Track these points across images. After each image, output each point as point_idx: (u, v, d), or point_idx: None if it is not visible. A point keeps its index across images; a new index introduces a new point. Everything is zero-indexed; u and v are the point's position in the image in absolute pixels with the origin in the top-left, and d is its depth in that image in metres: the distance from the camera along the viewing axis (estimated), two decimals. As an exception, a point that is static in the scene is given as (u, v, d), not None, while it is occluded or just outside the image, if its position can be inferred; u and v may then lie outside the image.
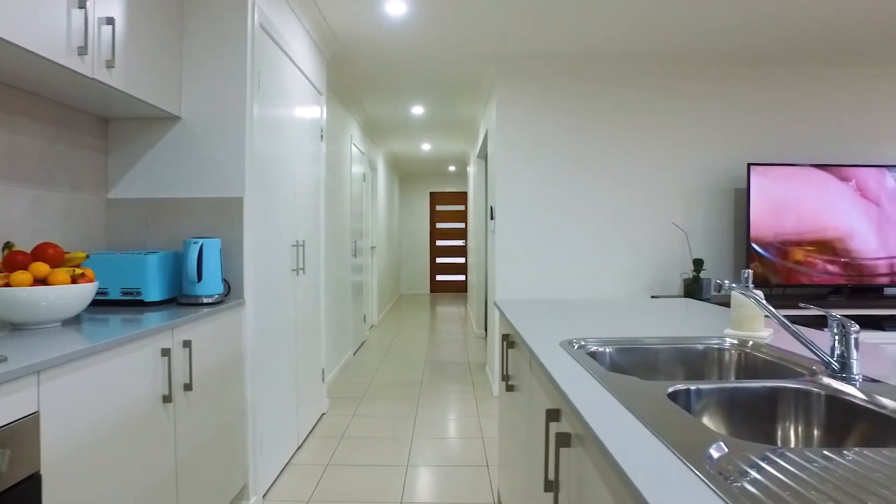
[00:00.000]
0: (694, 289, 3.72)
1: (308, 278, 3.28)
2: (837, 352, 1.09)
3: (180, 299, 2.07)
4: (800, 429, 1.04)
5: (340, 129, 4.88)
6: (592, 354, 1.32)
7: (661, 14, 3.23)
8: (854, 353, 1.07)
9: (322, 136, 3.63)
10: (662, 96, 4.07)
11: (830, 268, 3.83)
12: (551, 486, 1.03)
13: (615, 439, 0.72)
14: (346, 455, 2.98)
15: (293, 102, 2.97)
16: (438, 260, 11.32)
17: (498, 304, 2.13)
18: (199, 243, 2.05)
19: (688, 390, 1.00)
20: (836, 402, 1.00)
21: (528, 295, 4.04)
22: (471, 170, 7.27)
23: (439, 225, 11.28)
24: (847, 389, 1.00)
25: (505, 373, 1.76)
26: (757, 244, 3.79)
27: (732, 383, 1.04)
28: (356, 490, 2.56)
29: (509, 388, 1.73)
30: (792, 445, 1.05)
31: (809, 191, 3.83)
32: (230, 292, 2.28)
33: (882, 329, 3.68)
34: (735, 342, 1.41)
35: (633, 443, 0.71)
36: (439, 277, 11.35)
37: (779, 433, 1.05)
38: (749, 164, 3.77)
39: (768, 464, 0.67)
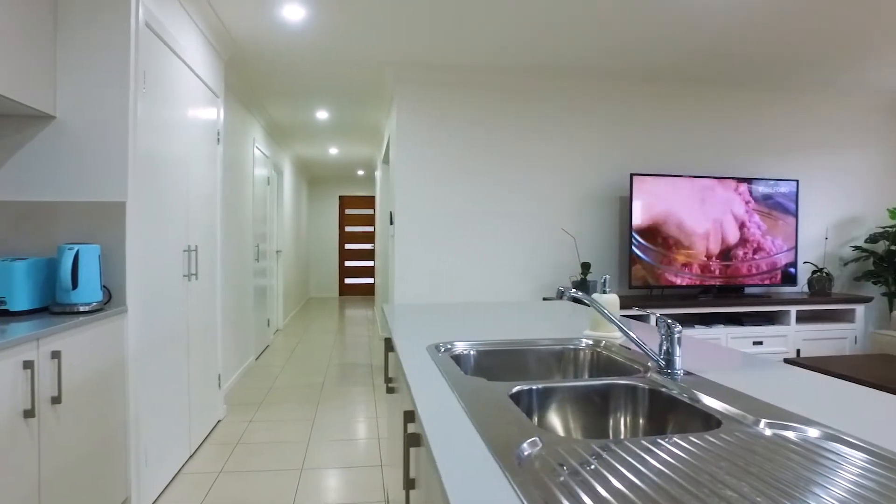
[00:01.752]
0: (581, 291, 3.96)
1: (202, 283, 3.20)
2: (664, 349, 1.24)
3: (53, 308, 1.98)
4: (628, 421, 1.18)
5: (242, 131, 4.77)
6: (457, 357, 1.41)
7: (551, 32, 3.43)
8: (677, 351, 1.23)
9: (219, 138, 3.55)
10: (555, 109, 4.30)
11: (701, 270, 4.21)
12: (411, 483, 1.11)
13: (442, 437, 0.80)
14: (240, 461, 2.94)
15: (185, 104, 2.90)
16: (347, 263, 11.26)
17: (384, 308, 2.20)
18: (75, 249, 1.97)
19: (530, 390, 1.11)
20: (657, 396, 1.14)
21: (426, 298, 4.14)
22: (378, 174, 7.31)
23: (348, 228, 11.22)
24: (667, 383, 1.15)
25: (387, 375, 1.83)
26: (638, 249, 4.10)
27: (570, 382, 1.16)
28: (248, 496, 2.54)
29: (390, 391, 1.80)
30: (622, 437, 1.19)
31: (684, 200, 4.19)
32: (111, 300, 2.20)
33: (742, 324, 4.10)
34: (590, 342, 1.55)
35: (457, 441, 0.79)
36: (348, 280, 11.28)
37: (611, 425, 1.18)
38: (632, 174, 4.08)
39: (570, 454, 0.78)
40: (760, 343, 4.06)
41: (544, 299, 4.08)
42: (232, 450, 3.10)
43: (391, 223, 4.36)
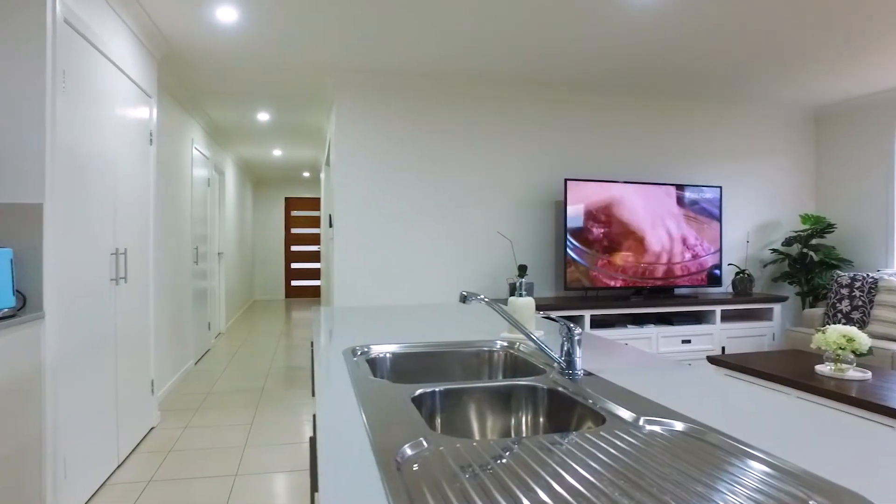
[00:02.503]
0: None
1: (132, 287, 3.12)
2: (565, 350, 1.30)
3: (-40, 315, 1.90)
4: (529, 420, 1.23)
5: (179, 132, 4.66)
6: (372, 361, 1.44)
7: (490, 39, 3.50)
8: (577, 352, 1.29)
9: (151, 138, 3.47)
10: (492, 114, 4.39)
11: (633, 272, 4.37)
12: (317, 486, 1.13)
13: (331, 440, 0.83)
14: (171, 470, 2.88)
15: (113, 103, 2.82)
16: (294, 265, 11.12)
17: (320, 311, 2.21)
18: (-16, 254, 1.90)
19: (433, 392, 1.15)
20: (554, 395, 1.20)
21: (366, 300, 4.15)
22: (322, 176, 7.26)
23: (294, 230, 11.08)
24: (565, 384, 1.21)
25: (313, 379, 1.84)
26: (573, 252, 4.23)
27: (473, 383, 1.21)
28: (176, 505, 2.50)
29: (314, 394, 1.82)
30: (523, 435, 1.24)
31: (616, 205, 4.34)
32: (26, 305, 2.13)
33: (671, 324, 4.27)
34: (505, 344, 1.61)
35: (346, 444, 0.82)
36: (294, 283, 11.14)
37: (513, 425, 1.23)
38: (566, 179, 4.20)
39: (452, 455, 0.82)
40: (689, 342, 4.25)
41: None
42: (164, 457, 3.03)
43: (330, 226, 4.35)
